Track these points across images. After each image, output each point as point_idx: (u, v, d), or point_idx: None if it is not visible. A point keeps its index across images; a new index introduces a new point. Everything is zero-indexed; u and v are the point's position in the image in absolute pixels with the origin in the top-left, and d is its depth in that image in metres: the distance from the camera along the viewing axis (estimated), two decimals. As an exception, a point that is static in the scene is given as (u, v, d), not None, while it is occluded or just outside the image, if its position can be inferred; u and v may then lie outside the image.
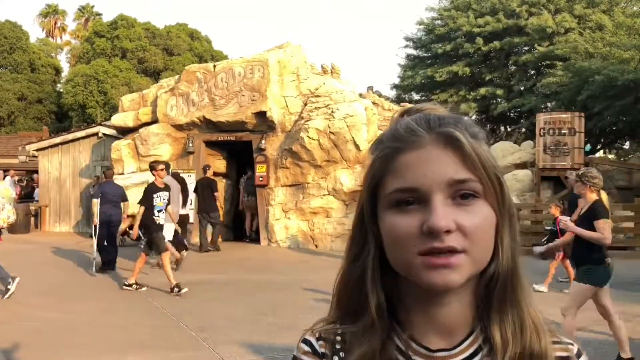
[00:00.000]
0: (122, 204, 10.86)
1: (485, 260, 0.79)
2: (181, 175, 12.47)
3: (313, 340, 0.88)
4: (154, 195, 8.72)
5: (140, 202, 8.74)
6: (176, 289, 8.31)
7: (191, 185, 13.05)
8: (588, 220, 5.17)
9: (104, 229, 10.45)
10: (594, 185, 5.25)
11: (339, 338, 0.86)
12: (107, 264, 10.28)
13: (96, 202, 10.50)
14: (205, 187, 12.72)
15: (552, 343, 0.83)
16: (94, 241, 10.40)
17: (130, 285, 8.66)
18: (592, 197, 5.25)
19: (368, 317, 0.82)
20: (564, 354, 0.85)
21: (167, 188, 9.02)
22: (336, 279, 0.89)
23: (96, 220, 10.53)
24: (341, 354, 0.85)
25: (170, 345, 5.92)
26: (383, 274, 0.83)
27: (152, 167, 9.09)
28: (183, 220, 11.63)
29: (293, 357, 0.88)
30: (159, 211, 8.73)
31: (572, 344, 0.86)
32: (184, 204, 11.68)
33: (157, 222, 8.70)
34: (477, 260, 0.77)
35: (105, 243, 10.37)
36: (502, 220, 0.80)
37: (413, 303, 0.83)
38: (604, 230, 5.05)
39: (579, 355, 0.86)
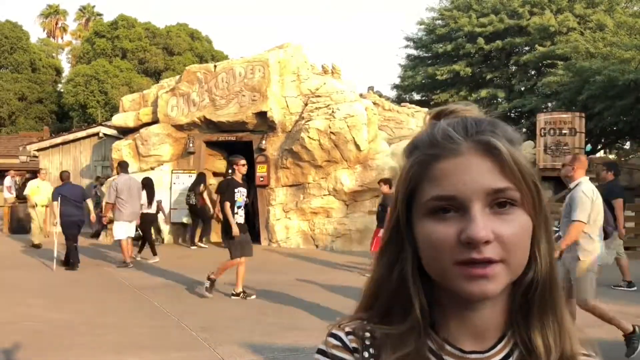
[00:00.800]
0: (85, 202, 11.19)
1: (521, 268, 0.79)
2: (150, 178, 12.65)
3: (342, 335, 0.86)
4: (235, 191, 8.02)
5: (224, 198, 8.02)
6: (242, 294, 7.96)
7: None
8: None
9: (68, 230, 10.70)
10: None
11: (367, 334, 0.85)
12: (72, 263, 10.56)
13: (56, 204, 10.73)
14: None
15: (582, 355, 0.84)
16: (55, 240, 10.75)
17: (237, 295, 8.01)
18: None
19: (410, 321, 0.82)
20: None
21: (245, 184, 8.38)
22: (369, 282, 0.89)
23: (55, 221, 10.92)
24: (371, 350, 0.84)
25: (171, 345, 5.92)
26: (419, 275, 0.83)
27: (233, 161, 8.33)
28: (150, 219, 12.05)
29: (319, 350, 0.86)
30: (239, 207, 8.04)
31: (596, 356, 0.87)
32: (150, 203, 11.90)
33: (236, 220, 7.96)
34: (514, 269, 0.77)
35: (74, 243, 10.68)
36: (539, 226, 0.80)
37: (447, 306, 0.83)
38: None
39: None
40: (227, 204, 7.89)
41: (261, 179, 13.73)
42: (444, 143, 0.79)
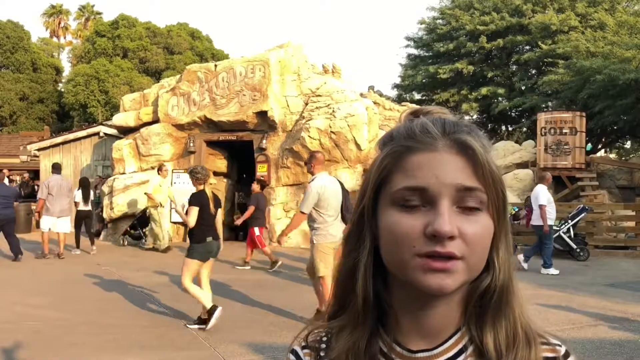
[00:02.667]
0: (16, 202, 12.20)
1: (479, 269, 0.79)
2: (87, 178, 13.52)
3: (299, 349, 0.89)
4: None
5: None
6: None
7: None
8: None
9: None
10: (198, 180, 6.67)
11: (323, 345, 0.86)
12: (15, 255, 11.43)
13: None
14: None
15: (540, 344, 0.84)
16: None
17: None
18: (199, 188, 6.69)
19: (355, 309, 0.83)
20: (551, 354, 0.84)
21: None
22: (336, 274, 0.89)
23: None
24: None
25: (171, 344, 5.92)
26: (375, 274, 0.83)
27: None
28: (85, 215, 12.86)
29: None
30: None
31: (560, 345, 0.86)
32: (85, 201, 12.73)
33: None
34: (472, 268, 0.78)
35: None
36: (500, 233, 0.80)
37: (401, 305, 0.83)
38: (189, 215, 6.51)
39: (566, 356, 0.85)
40: None
41: (262, 178, 13.72)
42: (421, 136, 0.79)
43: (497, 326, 0.81)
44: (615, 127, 21.88)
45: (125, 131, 15.56)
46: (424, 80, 27.24)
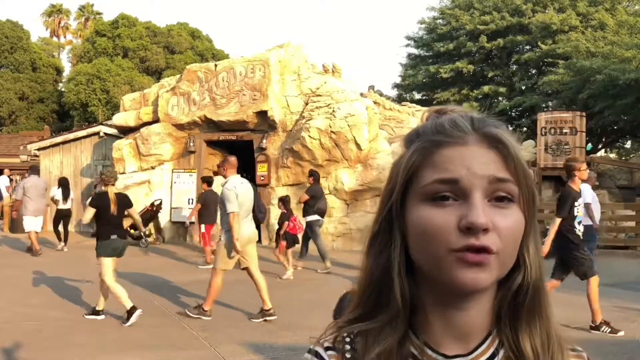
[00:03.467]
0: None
1: (509, 266, 0.78)
2: (66, 178, 13.96)
3: (321, 351, 0.84)
4: (575, 204, 6.62)
5: (559, 213, 6.62)
6: None
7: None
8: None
9: None
10: (102, 181, 6.94)
11: (347, 347, 0.83)
12: None
13: None
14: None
15: (572, 358, 0.84)
16: None
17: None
18: (104, 189, 6.94)
19: (391, 309, 0.80)
20: None
21: (580, 194, 6.91)
22: (360, 276, 0.86)
23: None
24: None
25: (171, 344, 5.92)
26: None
27: (572, 167, 6.66)
28: (65, 214, 13.40)
29: None
30: (579, 222, 6.73)
31: (582, 351, 0.86)
32: (65, 200, 13.21)
33: (579, 236, 6.67)
34: (504, 263, 0.76)
35: None
36: (529, 230, 0.80)
37: (431, 306, 0.81)
38: (85, 214, 6.88)
39: None
40: (558, 221, 6.58)
41: (262, 178, 13.72)
42: (450, 130, 0.78)
43: (532, 328, 0.80)
44: (615, 127, 21.90)
45: (125, 131, 15.55)
46: (424, 80, 27.25)
